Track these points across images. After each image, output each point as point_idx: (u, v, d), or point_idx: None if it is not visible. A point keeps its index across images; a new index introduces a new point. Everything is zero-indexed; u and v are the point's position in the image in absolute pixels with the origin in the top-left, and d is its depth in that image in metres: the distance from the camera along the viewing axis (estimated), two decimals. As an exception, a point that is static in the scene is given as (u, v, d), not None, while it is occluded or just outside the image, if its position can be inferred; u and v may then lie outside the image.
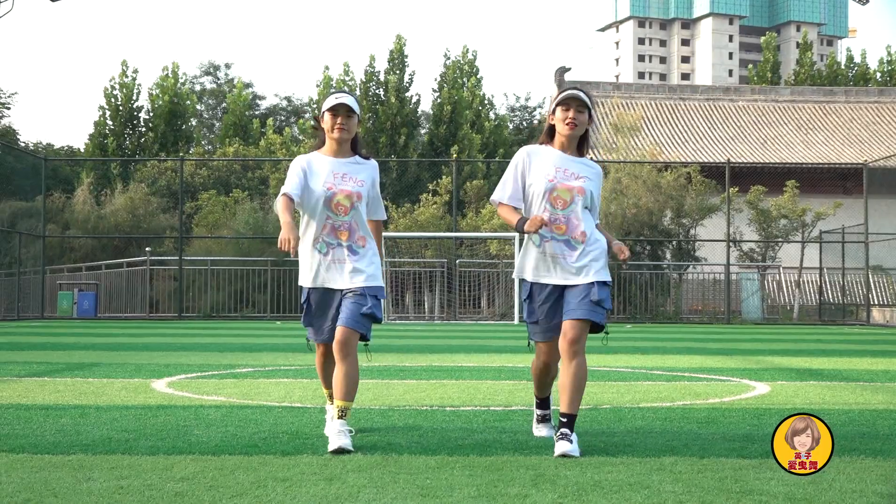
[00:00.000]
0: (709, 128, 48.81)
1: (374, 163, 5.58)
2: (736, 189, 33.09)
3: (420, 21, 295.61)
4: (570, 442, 4.91)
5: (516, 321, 27.71)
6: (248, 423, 5.97)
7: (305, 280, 5.43)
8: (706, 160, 40.45)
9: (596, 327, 5.19)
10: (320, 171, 5.39)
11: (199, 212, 37.36)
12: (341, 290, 5.33)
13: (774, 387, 8.63)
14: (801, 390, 8.36)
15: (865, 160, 36.42)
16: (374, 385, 8.41)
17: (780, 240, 34.05)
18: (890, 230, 34.79)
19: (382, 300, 5.41)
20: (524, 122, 57.13)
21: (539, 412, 5.63)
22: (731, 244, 31.92)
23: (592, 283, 5.14)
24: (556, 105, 5.27)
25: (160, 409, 6.62)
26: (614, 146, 40.15)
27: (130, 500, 3.79)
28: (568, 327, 5.11)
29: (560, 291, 5.24)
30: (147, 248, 32.93)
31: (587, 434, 5.56)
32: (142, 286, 31.80)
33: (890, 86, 56.01)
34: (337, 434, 5.03)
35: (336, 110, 5.37)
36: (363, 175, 5.46)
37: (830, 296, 35.14)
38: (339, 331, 5.22)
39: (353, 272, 5.32)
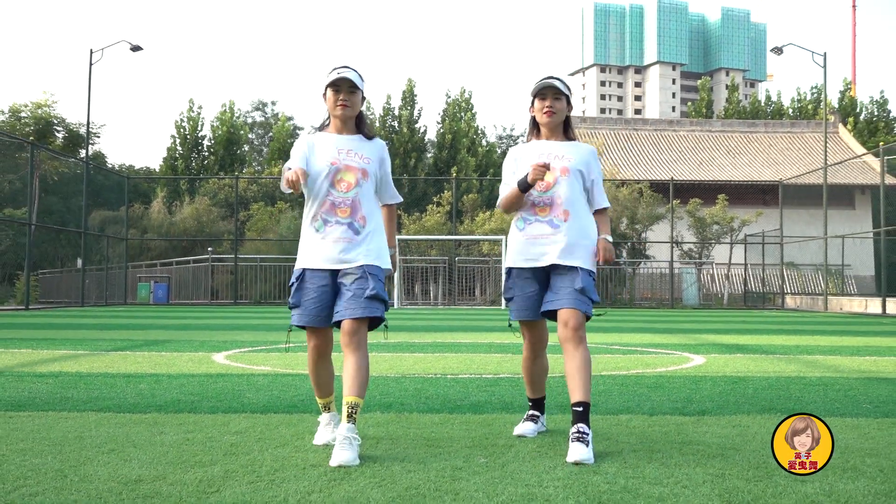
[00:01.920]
0: (656, 152, 48.75)
1: (380, 142, 4.17)
2: (678, 201, 33.09)
3: (427, 67, 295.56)
4: (586, 444, 3.69)
5: (503, 307, 27.68)
6: (290, 388, 5.95)
7: (300, 261, 4.01)
8: (654, 178, 40.39)
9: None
10: (324, 147, 4.04)
11: (251, 219, 37.37)
12: (337, 273, 3.93)
13: (709, 358, 8.61)
14: (731, 362, 8.34)
15: (780, 178, 36.39)
16: (389, 357, 8.39)
17: (713, 241, 34.04)
18: (799, 234, 34.80)
19: (383, 281, 3.98)
20: (510, 148, 57.08)
21: (529, 412, 4.36)
22: (674, 245, 31.89)
23: (577, 269, 4.07)
24: (534, 97, 4.27)
25: (219, 377, 6.60)
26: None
27: (195, 450, 3.78)
28: (565, 316, 4.02)
29: (544, 276, 4.19)
30: (209, 248, 32.94)
31: (559, 397, 5.55)
32: (205, 278, 31.78)
33: (799, 119, 55.94)
34: (341, 443, 3.60)
35: (338, 86, 4.04)
36: (369, 152, 4.07)
37: (753, 286, 35.12)
38: (346, 323, 3.83)
39: (350, 252, 3.91)
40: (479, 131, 48.94)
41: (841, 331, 14.73)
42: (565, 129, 4.32)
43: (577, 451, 3.63)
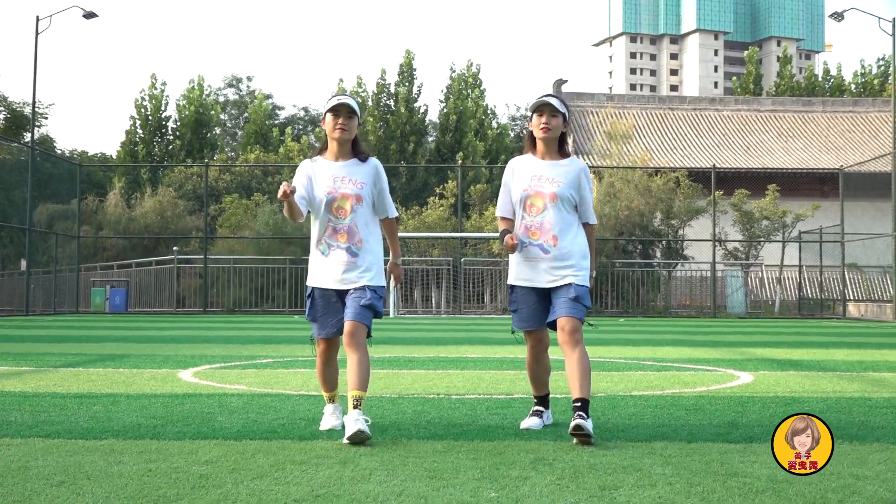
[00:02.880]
0: (696, 135, 48.73)
1: (374, 161, 5.29)
2: (721, 192, 33.04)
3: (428, 37, 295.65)
4: (585, 419, 4.81)
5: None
6: (268, 410, 5.96)
7: (310, 279, 5.29)
8: (693, 165, 40.36)
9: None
10: (322, 175, 5.20)
11: (223, 214, 37.41)
12: (341, 291, 5.19)
13: (757, 376, 8.61)
14: (782, 380, 8.33)
15: (841, 166, 36.34)
16: (384, 375, 8.39)
17: (762, 239, 33.98)
18: (864, 231, 34.74)
19: (382, 297, 5.23)
20: (524, 131, 57.08)
21: (534, 408, 5.47)
22: (716, 244, 31.86)
23: (570, 283, 5.17)
24: (532, 113, 5.31)
25: (186, 397, 6.62)
26: (608, 152, 40.15)
27: (158, 483, 3.78)
28: (563, 322, 5.11)
29: (543, 292, 5.28)
30: (174, 248, 32.96)
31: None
32: (169, 283, 31.81)
33: (863, 97, 55.87)
34: (354, 422, 4.77)
35: (337, 111, 5.16)
36: (362, 177, 5.20)
37: (809, 291, 35.07)
38: (346, 325, 5.07)
39: (350, 273, 5.15)
40: (489, 111, 48.96)
41: (912, 344, 14.71)
42: (561, 145, 5.37)
43: (578, 422, 4.76)
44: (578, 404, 4.89)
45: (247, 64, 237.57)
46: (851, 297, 33.86)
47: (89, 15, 30.06)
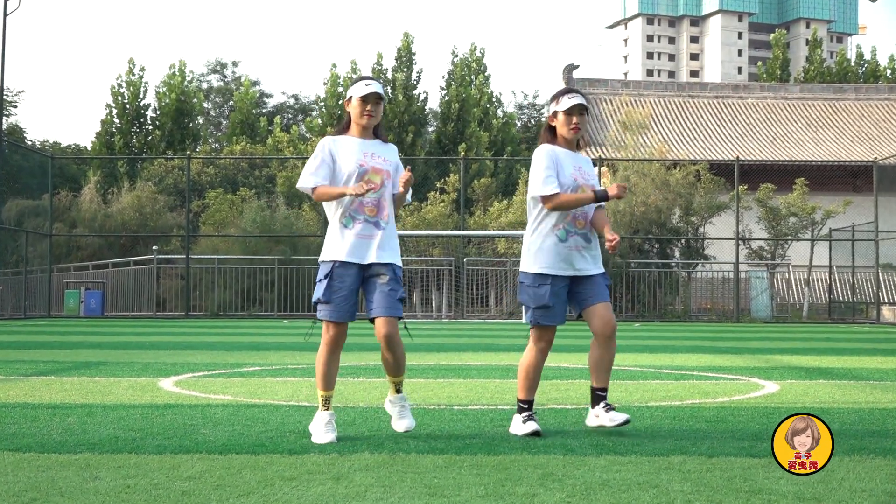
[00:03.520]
0: (718, 125, 48.74)
1: (394, 146, 5.81)
2: (745, 187, 33.02)
3: (428, 19, 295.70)
4: (617, 410, 5.63)
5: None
6: (256, 422, 5.97)
7: (330, 253, 5.47)
8: (715, 158, 40.40)
9: None
10: (350, 149, 5.56)
11: (206, 210, 37.42)
12: (367, 265, 5.45)
13: (784, 386, 8.61)
14: (811, 389, 8.34)
15: (875, 158, 36.32)
16: (381, 383, 8.40)
17: (789, 238, 33.98)
18: (900, 228, 34.70)
19: None
20: (532, 120, 57.11)
21: (525, 414, 5.64)
22: (740, 242, 31.85)
23: (604, 273, 5.80)
24: (561, 112, 5.73)
25: (167, 408, 6.63)
26: (623, 144, 40.14)
27: (137, 500, 3.79)
28: (603, 310, 5.66)
29: (569, 281, 5.74)
30: (154, 247, 32.97)
31: (595, 433, 5.58)
32: (149, 285, 31.84)
33: (900, 83, 55.81)
34: (400, 413, 5.48)
35: (367, 98, 5.55)
36: (390, 155, 5.66)
37: (840, 294, 35.07)
38: (382, 322, 5.38)
39: (380, 248, 5.45)
40: (494, 99, 48.98)
41: (951, 351, 14.71)
42: (577, 141, 5.90)
43: (619, 416, 5.52)
44: (603, 393, 5.67)
45: (232, 48, 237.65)
46: (886, 301, 33.85)
47: (62, -5, 30.07)
